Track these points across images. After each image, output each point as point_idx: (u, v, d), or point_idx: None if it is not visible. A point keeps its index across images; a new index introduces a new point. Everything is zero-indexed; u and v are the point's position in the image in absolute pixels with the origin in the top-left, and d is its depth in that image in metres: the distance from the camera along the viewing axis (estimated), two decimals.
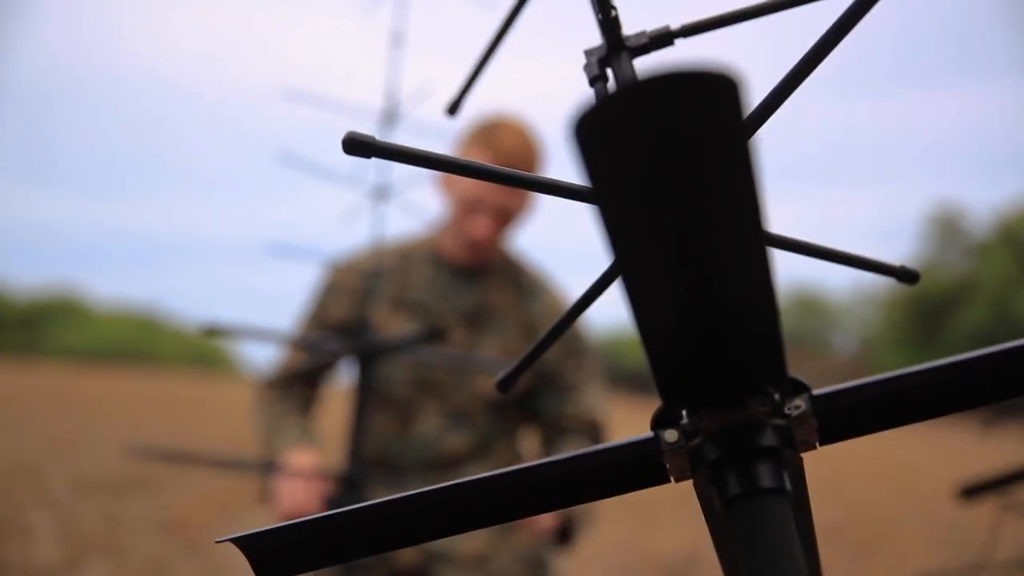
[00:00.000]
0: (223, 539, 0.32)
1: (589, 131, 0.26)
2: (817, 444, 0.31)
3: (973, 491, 0.89)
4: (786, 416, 0.31)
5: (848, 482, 8.19)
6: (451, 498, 0.34)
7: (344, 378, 1.74)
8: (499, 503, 0.35)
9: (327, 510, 0.37)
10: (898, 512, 6.58)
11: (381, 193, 1.11)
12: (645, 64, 0.36)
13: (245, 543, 0.33)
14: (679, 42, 0.36)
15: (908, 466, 10.95)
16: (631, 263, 0.27)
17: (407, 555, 1.63)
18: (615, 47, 0.36)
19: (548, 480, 0.33)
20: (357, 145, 0.31)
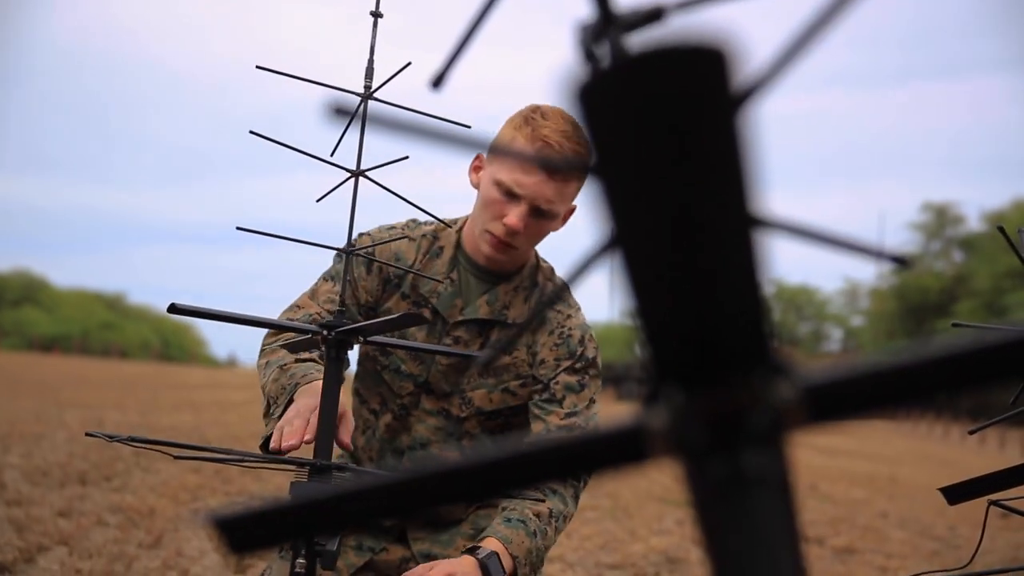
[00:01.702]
0: (206, 518, 0.31)
1: (587, 101, 0.25)
2: (807, 428, 0.31)
3: (957, 494, 0.89)
4: (775, 400, 0.30)
5: (831, 485, 8.29)
6: (429, 480, 0.34)
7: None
8: (477, 483, 0.34)
9: (296, 497, 0.37)
10: (881, 515, 6.67)
11: (359, 170, 1.10)
12: (638, 38, 0.36)
13: (220, 522, 0.32)
14: (674, 16, 0.35)
15: (891, 469, 11.11)
16: (623, 236, 0.26)
17: (394, 552, 1.62)
18: (608, 21, 0.36)
19: (535, 457, 0.32)
20: (340, 111, 0.30)
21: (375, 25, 1.11)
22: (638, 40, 0.33)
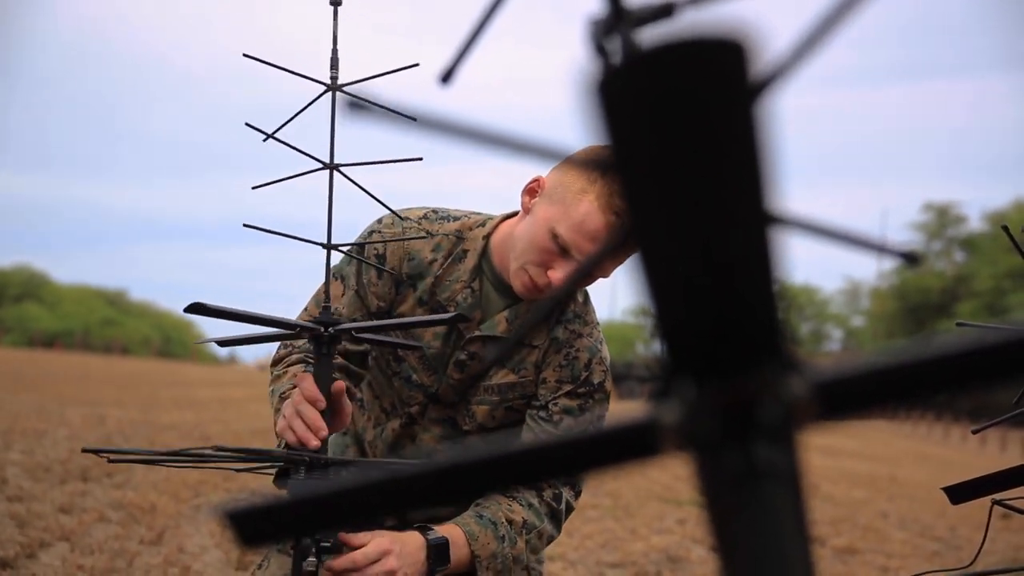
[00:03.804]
0: (217, 512, 0.31)
1: (605, 96, 0.25)
2: (818, 423, 0.31)
3: (960, 494, 0.89)
4: (787, 394, 0.31)
5: (832, 485, 8.29)
6: (440, 474, 0.34)
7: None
8: (488, 477, 0.34)
9: (293, 492, 0.37)
10: (882, 515, 6.67)
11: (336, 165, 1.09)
12: (649, 33, 0.36)
13: (231, 516, 0.32)
14: (683, 11, 0.36)
15: (891, 470, 11.11)
16: (640, 229, 0.26)
17: None
18: (619, 16, 0.36)
19: (546, 452, 0.32)
20: (354, 105, 0.30)
21: (335, 15, 1.07)
22: (649, 35, 0.33)
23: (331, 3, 1.07)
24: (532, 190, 1.49)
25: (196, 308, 0.98)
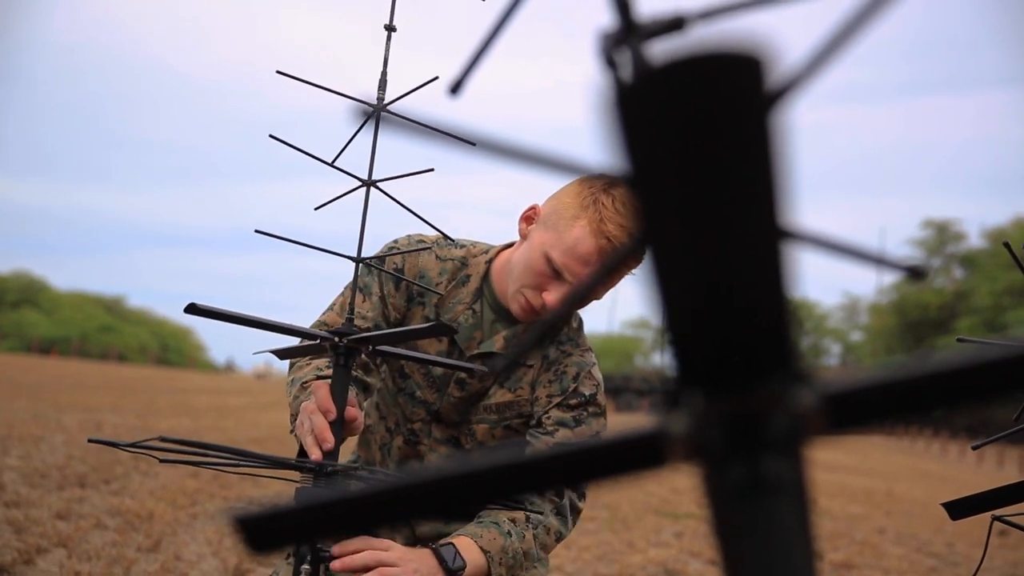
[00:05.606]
0: (227, 517, 0.32)
1: (624, 109, 0.25)
2: (827, 435, 0.31)
3: (960, 509, 0.89)
4: (795, 406, 0.31)
5: (829, 500, 8.28)
6: (447, 482, 0.34)
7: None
8: (493, 486, 0.34)
9: (301, 499, 0.37)
10: (879, 531, 6.66)
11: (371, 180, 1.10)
12: (660, 47, 0.36)
13: (240, 521, 0.32)
14: (695, 26, 0.36)
15: (889, 485, 11.10)
16: (653, 242, 0.26)
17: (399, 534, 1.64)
18: (629, 30, 0.36)
19: (551, 461, 0.32)
20: (364, 113, 0.31)
21: (388, 39, 1.10)
22: (659, 49, 0.33)
23: (386, 28, 1.10)
24: (529, 218, 1.57)
25: (192, 309, 0.98)
